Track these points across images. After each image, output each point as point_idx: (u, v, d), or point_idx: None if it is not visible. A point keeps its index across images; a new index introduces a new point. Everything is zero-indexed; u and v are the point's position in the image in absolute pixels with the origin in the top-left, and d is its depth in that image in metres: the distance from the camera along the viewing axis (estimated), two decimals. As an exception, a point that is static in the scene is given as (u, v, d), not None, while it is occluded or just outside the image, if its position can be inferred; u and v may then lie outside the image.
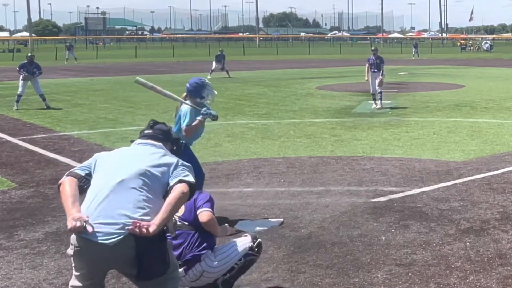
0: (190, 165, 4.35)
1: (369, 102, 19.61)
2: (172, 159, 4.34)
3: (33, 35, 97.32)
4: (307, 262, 6.15)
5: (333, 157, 11.24)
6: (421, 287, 5.52)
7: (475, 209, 7.90)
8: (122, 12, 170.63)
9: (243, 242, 5.32)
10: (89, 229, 3.85)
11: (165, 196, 4.13)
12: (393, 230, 7.07)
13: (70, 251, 4.08)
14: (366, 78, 19.78)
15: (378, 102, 18.79)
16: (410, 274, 5.81)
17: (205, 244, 5.17)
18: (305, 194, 8.68)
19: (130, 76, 35.12)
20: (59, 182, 4.22)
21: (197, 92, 7.47)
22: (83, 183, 4.19)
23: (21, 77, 20.16)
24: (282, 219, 7.51)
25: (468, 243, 6.64)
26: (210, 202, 5.35)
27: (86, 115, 17.60)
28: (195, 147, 11.22)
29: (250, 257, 5.29)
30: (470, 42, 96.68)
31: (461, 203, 8.19)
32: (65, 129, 14.95)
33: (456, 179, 9.50)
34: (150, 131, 4.58)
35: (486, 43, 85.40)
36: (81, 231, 3.87)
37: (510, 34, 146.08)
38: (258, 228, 7.19)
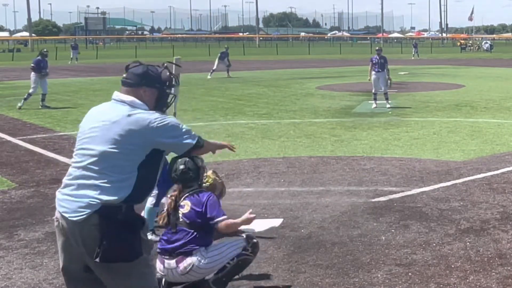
0: (169, 119, 3.88)
1: (369, 102, 19.62)
2: (139, 122, 3.77)
3: (33, 35, 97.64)
4: (307, 262, 6.16)
5: (333, 157, 11.26)
6: (421, 287, 5.53)
7: (475, 209, 7.92)
8: (122, 12, 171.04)
9: (237, 242, 5.36)
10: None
11: (142, 161, 3.76)
12: (393, 230, 7.09)
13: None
14: (369, 78, 19.83)
15: (385, 102, 18.76)
16: (410, 274, 5.82)
17: (200, 242, 5.24)
18: (305, 194, 8.71)
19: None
20: None
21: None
22: None
23: (34, 75, 19.99)
24: (282, 219, 7.47)
25: (468, 243, 6.65)
26: (218, 204, 5.39)
27: (86, 116, 17.59)
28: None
29: (243, 257, 5.32)
30: (470, 42, 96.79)
31: (461, 203, 8.21)
32: (65, 129, 14.97)
33: (456, 179, 9.52)
34: (124, 75, 4.00)
35: (486, 43, 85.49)
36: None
37: (510, 34, 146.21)
38: (258, 228, 7.21)
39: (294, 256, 6.33)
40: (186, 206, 5.30)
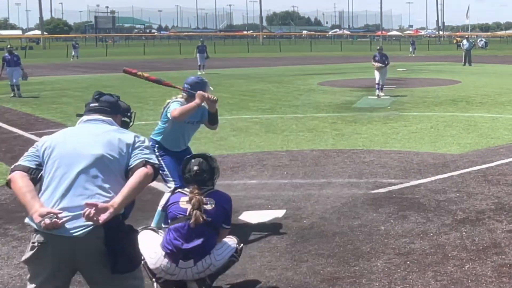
0: (148, 143, 4.03)
1: (369, 97, 19.80)
2: (128, 136, 3.95)
3: (44, 33, 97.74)
4: (309, 251, 6.23)
5: (334, 150, 11.34)
6: (419, 275, 5.57)
7: (470, 200, 7.99)
8: (131, 11, 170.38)
9: (232, 244, 5.27)
10: (59, 223, 3.51)
11: (126, 176, 3.81)
12: (392, 221, 7.16)
13: (28, 254, 3.68)
14: (375, 65, 21.12)
15: (379, 90, 20.41)
16: (408, 262, 5.88)
17: (214, 241, 5.16)
18: (307, 186, 8.77)
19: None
20: (8, 179, 3.79)
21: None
22: (35, 175, 3.78)
23: (7, 69, 21.88)
24: (285, 210, 7.60)
25: (464, 233, 6.71)
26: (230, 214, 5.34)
27: (96, 111, 17.71)
28: (201, 141, 11.48)
29: (231, 259, 5.23)
30: (459, 38, 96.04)
31: (457, 194, 8.28)
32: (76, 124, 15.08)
33: (452, 171, 9.59)
34: (96, 104, 4.13)
35: (481, 40, 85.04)
36: (55, 227, 3.51)
37: (504, 32, 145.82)
38: (261, 219, 7.29)
39: (296, 245, 6.40)
40: (210, 203, 5.13)
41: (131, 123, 4.49)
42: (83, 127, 4.04)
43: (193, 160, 5.29)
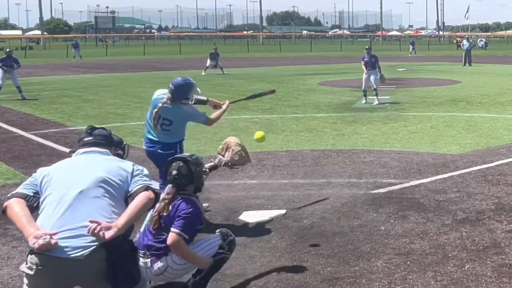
0: (147, 171, 4.09)
1: (369, 97, 19.79)
2: (127, 164, 4.02)
3: (44, 33, 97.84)
4: (309, 251, 6.24)
5: (334, 150, 11.35)
6: (419, 275, 5.58)
7: (470, 200, 7.99)
8: (131, 11, 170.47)
9: (213, 241, 5.14)
10: (53, 243, 3.49)
11: (126, 202, 3.86)
12: (392, 221, 7.17)
13: (26, 269, 3.67)
14: (366, 73, 19.93)
15: (375, 98, 18.74)
16: (408, 262, 5.89)
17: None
18: (307, 186, 8.78)
19: (138, 72, 35.24)
20: (4, 205, 3.79)
21: (182, 94, 7.07)
22: (32, 202, 3.79)
23: (1, 72, 21.70)
24: (285, 210, 7.61)
25: (464, 233, 6.72)
26: (191, 220, 4.95)
27: (96, 110, 17.75)
28: (201, 142, 11.48)
29: (220, 256, 5.12)
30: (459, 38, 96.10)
31: (457, 194, 8.29)
32: (76, 124, 15.11)
33: (452, 171, 9.61)
34: (91, 138, 4.21)
35: (481, 40, 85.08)
36: (49, 248, 3.50)
37: (504, 32, 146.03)
38: (261, 219, 7.30)
39: (296, 245, 6.41)
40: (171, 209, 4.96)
41: (125, 156, 4.61)
42: (81, 157, 4.10)
43: (174, 164, 5.14)
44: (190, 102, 7.20)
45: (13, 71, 21.80)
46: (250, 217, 7.43)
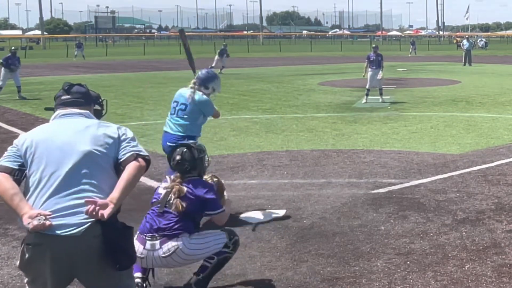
0: (131, 134, 3.98)
1: (371, 97, 19.80)
2: (112, 129, 3.91)
3: (44, 33, 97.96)
4: (309, 251, 6.24)
5: (334, 150, 11.34)
6: (419, 275, 5.58)
7: (470, 200, 7.99)
8: (131, 11, 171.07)
9: (220, 236, 5.17)
10: (48, 224, 3.42)
11: (116, 169, 3.78)
12: (392, 221, 7.17)
13: (23, 257, 3.57)
14: (364, 75, 19.99)
15: (379, 97, 19.03)
16: (408, 262, 5.89)
17: (185, 228, 5.02)
18: (307, 186, 8.77)
19: (138, 72, 35.27)
20: None
21: (206, 81, 7.60)
22: (18, 176, 3.66)
23: (4, 70, 21.93)
24: (285, 210, 7.61)
25: (464, 233, 6.72)
26: (218, 196, 5.28)
27: (96, 110, 17.78)
28: (201, 141, 11.46)
29: (224, 255, 5.15)
30: (459, 39, 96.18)
31: (458, 194, 8.28)
32: (75, 124, 15.13)
33: (452, 171, 9.60)
34: (69, 96, 4.04)
35: (481, 40, 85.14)
36: (44, 229, 3.43)
37: (504, 32, 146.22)
38: (262, 219, 7.29)
39: (296, 245, 6.41)
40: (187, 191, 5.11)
41: (104, 111, 4.57)
42: (62, 123, 3.93)
43: (177, 149, 5.29)
44: (209, 93, 7.66)
45: (16, 71, 22.01)
46: (250, 217, 7.43)
